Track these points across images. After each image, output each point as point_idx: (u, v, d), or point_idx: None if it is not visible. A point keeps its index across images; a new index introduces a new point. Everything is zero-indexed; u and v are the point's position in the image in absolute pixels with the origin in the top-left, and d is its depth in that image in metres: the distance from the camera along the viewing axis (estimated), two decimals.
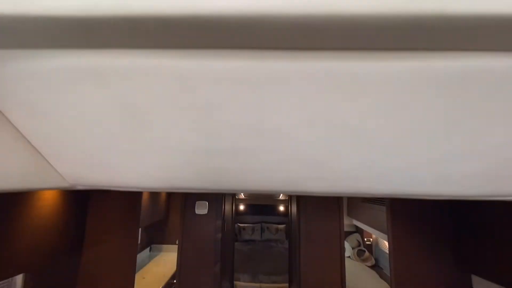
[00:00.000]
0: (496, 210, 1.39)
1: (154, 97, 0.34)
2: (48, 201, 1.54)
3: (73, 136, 0.43)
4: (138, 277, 2.83)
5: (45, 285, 1.78)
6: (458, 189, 0.49)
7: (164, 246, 3.93)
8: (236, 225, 5.86)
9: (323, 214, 1.82)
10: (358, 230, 4.31)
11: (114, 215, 1.86)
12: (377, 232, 2.73)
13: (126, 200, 1.87)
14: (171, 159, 0.48)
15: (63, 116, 0.39)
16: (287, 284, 3.19)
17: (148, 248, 3.78)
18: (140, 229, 3.59)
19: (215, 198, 1.79)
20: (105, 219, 1.85)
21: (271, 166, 0.48)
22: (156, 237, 3.93)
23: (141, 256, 3.47)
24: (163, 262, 3.42)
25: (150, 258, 3.61)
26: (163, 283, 2.64)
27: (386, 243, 3.60)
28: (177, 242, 4.06)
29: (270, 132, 0.39)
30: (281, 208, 6.02)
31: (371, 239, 4.13)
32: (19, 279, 1.77)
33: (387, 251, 3.60)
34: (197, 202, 1.76)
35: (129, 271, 1.80)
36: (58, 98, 0.35)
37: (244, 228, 5.77)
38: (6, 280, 1.71)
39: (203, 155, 0.46)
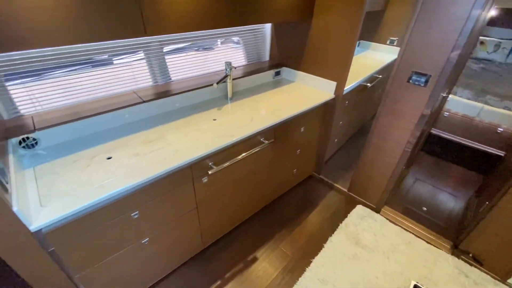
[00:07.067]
0: None
1: None
2: None
3: None
4: None
5: (285, 36, 2.31)
6: None
7: (373, 44, 3.77)
8: None
9: None
10: None
11: None
12: None
13: None
14: None
15: None
16: None
17: (357, 43, 3.79)
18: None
19: None
20: None
21: None
22: (365, 33, 3.75)
23: None
24: (370, 57, 3.42)
25: (358, 52, 3.68)
26: (369, 72, 2.75)
27: None
28: (387, 42, 3.76)
29: None
30: None
31: None
32: (268, 27, 2.39)
33: None
34: None
35: (350, 45, 1.93)
36: None
37: (483, 42, 4.22)
38: (262, 30, 2.35)
39: None
